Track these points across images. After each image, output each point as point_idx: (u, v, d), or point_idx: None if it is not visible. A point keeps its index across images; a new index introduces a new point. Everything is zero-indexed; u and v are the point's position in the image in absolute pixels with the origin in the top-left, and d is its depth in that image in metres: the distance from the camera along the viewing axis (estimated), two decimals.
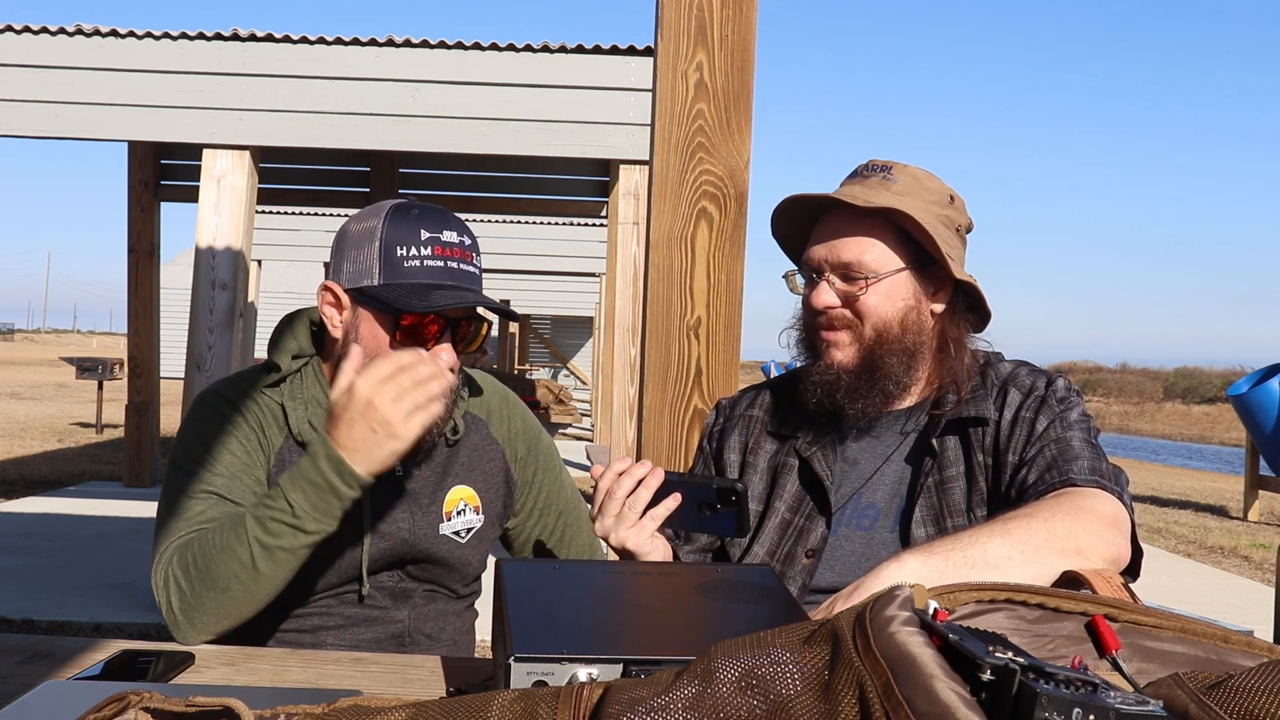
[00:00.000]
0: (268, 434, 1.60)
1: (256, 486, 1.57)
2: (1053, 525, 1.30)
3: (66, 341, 64.83)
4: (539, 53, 5.75)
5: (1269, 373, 9.17)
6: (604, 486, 1.48)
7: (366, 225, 1.56)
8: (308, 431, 1.60)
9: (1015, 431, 1.52)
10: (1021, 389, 1.56)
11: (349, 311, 1.58)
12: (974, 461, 1.53)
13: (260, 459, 1.59)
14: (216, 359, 5.43)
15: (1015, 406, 1.54)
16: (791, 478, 1.62)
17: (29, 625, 4.70)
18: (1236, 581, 6.99)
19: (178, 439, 1.62)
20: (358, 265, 1.55)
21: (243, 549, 1.42)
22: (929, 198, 1.56)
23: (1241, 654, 0.86)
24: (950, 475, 1.54)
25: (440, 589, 1.70)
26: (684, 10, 2.05)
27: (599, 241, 11.63)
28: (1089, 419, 1.54)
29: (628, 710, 0.73)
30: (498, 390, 1.82)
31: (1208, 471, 17.03)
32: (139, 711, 0.92)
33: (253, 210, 5.70)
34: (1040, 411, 1.52)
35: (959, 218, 1.60)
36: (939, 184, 1.59)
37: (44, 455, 10.90)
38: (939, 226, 1.55)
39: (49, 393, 20.59)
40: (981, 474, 1.53)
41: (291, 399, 1.62)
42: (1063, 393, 1.55)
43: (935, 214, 1.55)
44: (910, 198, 1.54)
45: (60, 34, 5.65)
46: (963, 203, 1.62)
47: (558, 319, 27.11)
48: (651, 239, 2.09)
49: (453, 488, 1.69)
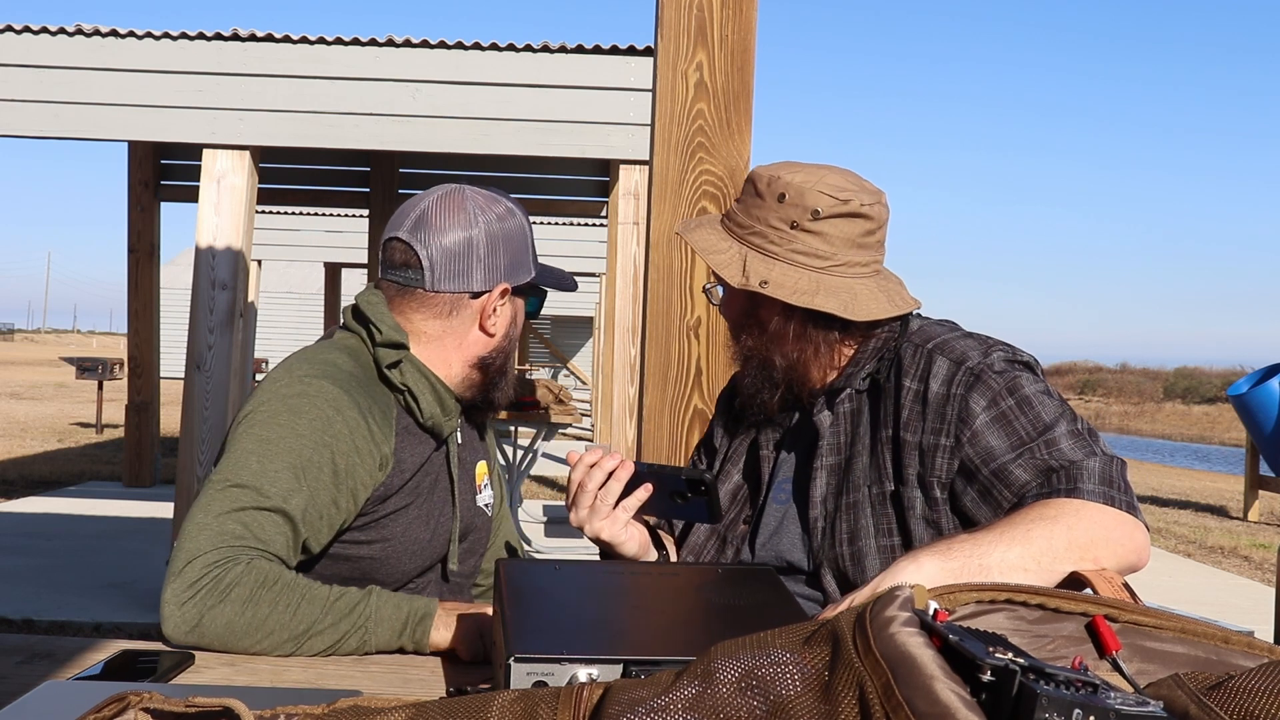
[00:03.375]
0: (383, 433, 1.53)
1: (333, 516, 1.48)
2: (1075, 534, 1.29)
3: (66, 341, 64.83)
4: (539, 53, 5.74)
5: (1269, 373, 9.16)
6: (576, 479, 1.53)
7: (506, 225, 1.63)
8: (438, 415, 1.60)
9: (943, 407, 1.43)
10: (951, 356, 1.46)
11: (506, 305, 1.66)
12: (879, 436, 1.50)
13: (368, 472, 1.50)
14: (216, 359, 5.43)
15: (943, 378, 1.45)
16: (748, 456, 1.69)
17: (29, 625, 4.70)
18: (1236, 581, 6.99)
19: (263, 417, 1.47)
20: (517, 261, 1.65)
21: (301, 624, 1.34)
22: (755, 226, 1.53)
23: (1242, 654, 0.86)
24: (856, 451, 1.52)
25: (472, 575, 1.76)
26: (684, 10, 2.05)
27: (599, 241, 11.62)
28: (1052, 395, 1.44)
29: (628, 710, 0.73)
30: None
31: (1208, 471, 17.02)
32: (139, 711, 0.92)
33: (253, 210, 5.70)
34: (973, 388, 1.42)
35: (791, 213, 1.51)
36: (778, 185, 1.52)
37: (44, 455, 10.90)
38: (766, 260, 1.52)
39: (49, 393, 20.59)
40: (885, 447, 1.48)
41: (416, 382, 1.58)
42: (1001, 365, 1.45)
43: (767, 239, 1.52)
44: (726, 254, 1.54)
45: (60, 34, 5.65)
46: (803, 189, 1.50)
47: (558, 319, 27.10)
48: (651, 239, 2.09)
49: (479, 461, 1.77)
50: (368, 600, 1.39)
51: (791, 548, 1.55)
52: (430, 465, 1.62)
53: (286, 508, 1.41)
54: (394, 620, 1.38)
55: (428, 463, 1.61)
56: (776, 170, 1.55)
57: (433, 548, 1.63)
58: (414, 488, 1.59)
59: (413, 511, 1.59)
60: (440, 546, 1.64)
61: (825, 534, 1.51)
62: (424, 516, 1.60)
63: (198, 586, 1.33)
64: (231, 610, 1.32)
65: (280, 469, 1.43)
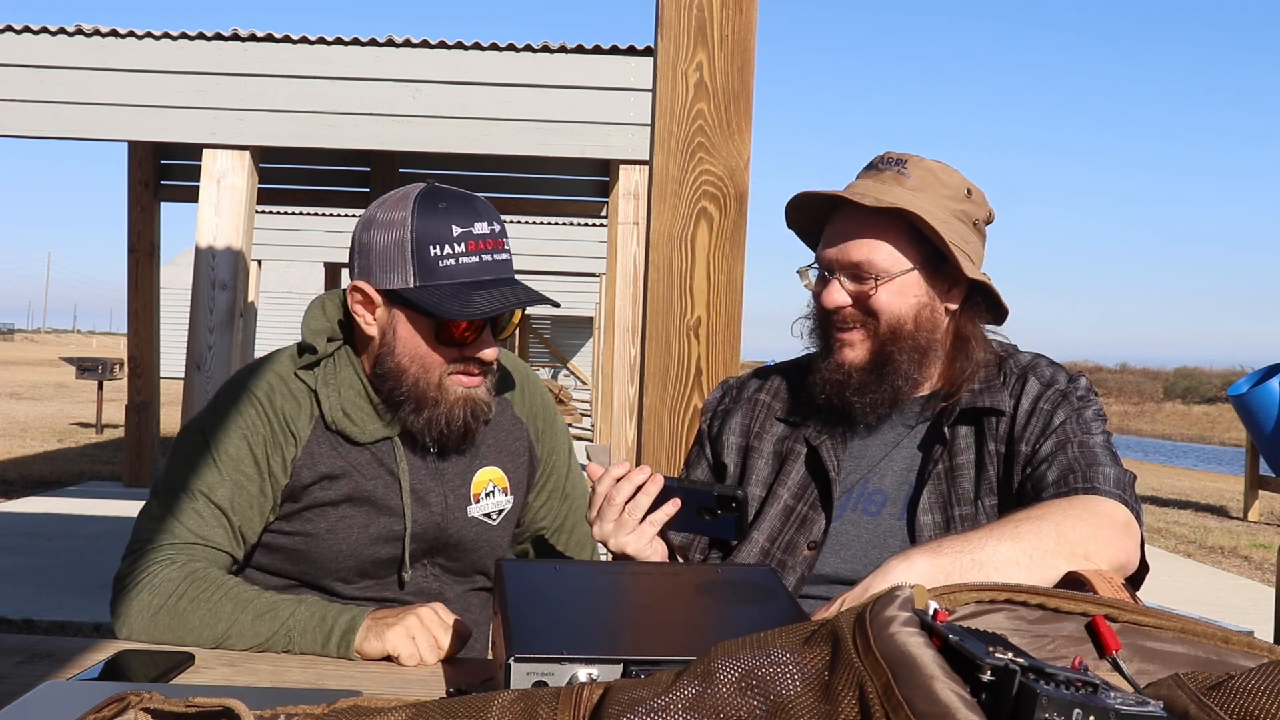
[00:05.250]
0: (295, 428, 1.58)
1: (262, 504, 1.56)
2: (1063, 529, 1.29)
3: (66, 341, 64.82)
4: (539, 53, 5.74)
5: (1269, 373, 9.17)
6: (602, 491, 1.47)
7: (393, 219, 1.53)
8: (341, 419, 1.58)
9: (1032, 421, 1.51)
10: (1042, 379, 1.55)
11: (383, 310, 1.56)
12: (985, 450, 1.53)
13: (279, 458, 1.56)
14: (216, 359, 5.43)
15: (1034, 396, 1.53)
16: (798, 465, 1.61)
17: (29, 625, 4.70)
18: (1236, 581, 6.99)
19: (194, 427, 1.59)
20: (389, 264, 1.53)
21: (221, 624, 1.41)
22: (944, 193, 1.54)
23: (1242, 654, 0.86)
24: (960, 463, 1.53)
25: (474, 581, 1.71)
26: (684, 10, 2.05)
27: (599, 241, 11.62)
28: (1105, 420, 1.53)
29: (628, 710, 0.73)
30: (519, 369, 1.80)
31: (1208, 471, 17.02)
32: (139, 712, 0.92)
33: (253, 210, 5.70)
34: (1060, 405, 1.51)
35: (976, 211, 1.58)
36: (957, 177, 1.57)
37: (44, 455, 10.90)
38: (953, 223, 1.53)
39: (49, 393, 20.59)
40: (992, 463, 1.52)
41: (325, 384, 1.59)
42: (1083, 390, 1.54)
43: (950, 210, 1.54)
44: (924, 194, 1.52)
45: (60, 34, 5.65)
46: (982, 195, 1.59)
47: (558, 319, 27.11)
48: (651, 239, 2.09)
49: (481, 469, 1.69)
50: (295, 609, 1.41)
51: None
52: (375, 468, 1.60)
53: (214, 498, 1.52)
54: (316, 631, 1.39)
55: (369, 465, 1.60)
56: (941, 164, 1.57)
57: (377, 551, 1.60)
58: (343, 487, 1.58)
59: (343, 510, 1.58)
60: (389, 555, 1.62)
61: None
62: (362, 518, 1.59)
63: (125, 587, 1.45)
64: (155, 610, 1.42)
65: (207, 464, 1.54)
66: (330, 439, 1.59)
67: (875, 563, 1.49)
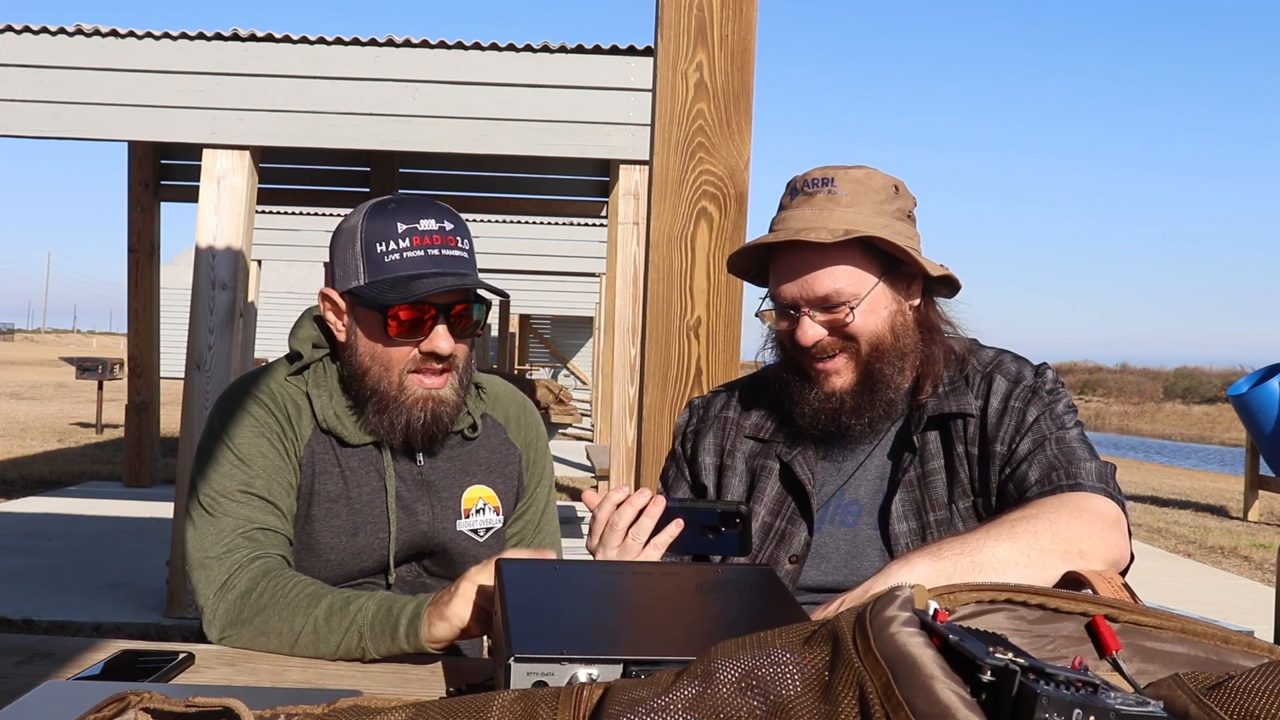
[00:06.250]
0: (297, 425, 1.62)
1: (291, 486, 1.59)
2: (1058, 528, 1.31)
3: (66, 341, 64.82)
4: (539, 53, 5.74)
5: (1269, 373, 9.16)
6: (603, 518, 1.46)
7: (351, 225, 1.60)
8: (332, 420, 1.62)
9: (1004, 420, 1.52)
10: (1008, 376, 1.56)
11: (348, 315, 1.61)
12: (955, 454, 1.54)
13: (293, 451, 1.61)
14: (216, 359, 5.43)
15: (1003, 395, 1.54)
16: (772, 480, 1.62)
17: (29, 625, 4.70)
18: (1236, 581, 6.99)
19: (208, 438, 1.62)
20: (346, 268, 1.60)
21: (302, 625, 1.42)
22: (877, 199, 1.54)
23: (1242, 654, 0.86)
24: (932, 469, 1.54)
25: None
26: (684, 10, 2.05)
27: (599, 241, 11.61)
28: (1075, 411, 1.55)
29: (628, 711, 0.73)
30: (517, 398, 1.85)
31: (1208, 471, 17.02)
32: (139, 711, 0.92)
33: (253, 210, 5.69)
34: (1030, 402, 1.52)
35: (906, 204, 1.58)
36: (879, 178, 1.56)
37: (44, 455, 10.90)
38: (895, 225, 1.53)
39: (49, 393, 20.58)
40: (963, 465, 1.53)
41: (315, 387, 1.64)
42: (1051, 384, 1.56)
43: (887, 212, 1.54)
44: (861, 206, 1.52)
45: (60, 34, 5.64)
46: (904, 185, 1.59)
47: (558, 319, 27.10)
48: (651, 239, 2.09)
49: (472, 486, 1.72)
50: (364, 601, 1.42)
51: (873, 570, 1.48)
52: (365, 472, 1.63)
53: (254, 490, 1.55)
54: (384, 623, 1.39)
55: (360, 468, 1.63)
56: (862, 168, 1.57)
57: (362, 560, 1.62)
58: (336, 487, 1.61)
59: (334, 509, 1.61)
60: (375, 560, 1.64)
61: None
62: (347, 526, 1.61)
63: (216, 608, 1.47)
64: (250, 625, 1.44)
65: (234, 465, 1.56)
66: (325, 440, 1.63)
67: (856, 572, 1.51)
